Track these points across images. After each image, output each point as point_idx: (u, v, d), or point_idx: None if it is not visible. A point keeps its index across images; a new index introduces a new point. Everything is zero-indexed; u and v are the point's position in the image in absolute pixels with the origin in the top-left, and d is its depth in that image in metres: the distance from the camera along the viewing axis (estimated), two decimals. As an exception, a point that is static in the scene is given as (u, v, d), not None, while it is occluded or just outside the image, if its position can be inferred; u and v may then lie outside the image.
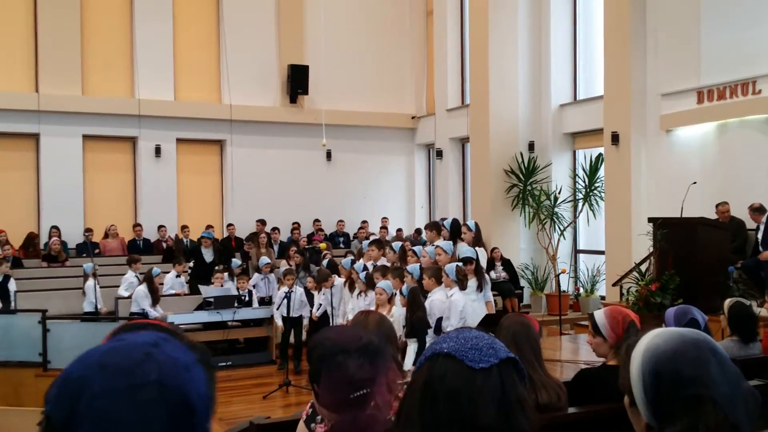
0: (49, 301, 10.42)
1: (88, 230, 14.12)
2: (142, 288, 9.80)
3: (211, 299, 10.07)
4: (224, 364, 9.66)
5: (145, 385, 0.95)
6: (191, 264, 12.22)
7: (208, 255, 12.38)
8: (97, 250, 13.83)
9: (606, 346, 3.44)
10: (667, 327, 3.43)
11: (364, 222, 16.17)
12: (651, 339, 1.50)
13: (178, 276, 11.08)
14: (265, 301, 10.79)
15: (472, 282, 7.40)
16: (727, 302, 4.64)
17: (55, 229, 13.97)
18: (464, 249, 7.72)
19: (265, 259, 11.67)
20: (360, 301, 8.36)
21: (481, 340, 1.30)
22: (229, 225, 15.13)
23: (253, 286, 10.92)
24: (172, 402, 0.96)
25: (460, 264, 7.40)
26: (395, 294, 7.39)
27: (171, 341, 1.05)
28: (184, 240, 14.58)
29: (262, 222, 14.97)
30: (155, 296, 9.83)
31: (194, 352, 1.07)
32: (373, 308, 7.48)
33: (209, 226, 14.79)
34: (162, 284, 10.68)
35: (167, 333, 1.15)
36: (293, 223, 15.59)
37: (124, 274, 12.14)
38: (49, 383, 1.00)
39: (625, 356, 1.54)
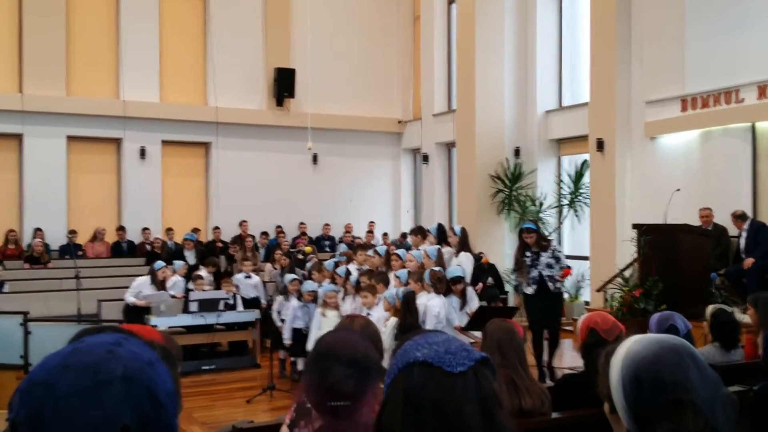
0: (31, 303, 10.32)
1: (72, 232, 14.02)
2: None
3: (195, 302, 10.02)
4: (208, 367, 9.61)
5: (111, 381, 0.94)
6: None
7: (190, 257, 12.33)
8: (80, 252, 13.72)
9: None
10: (649, 333, 3.46)
11: (348, 225, 16.16)
12: (630, 345, 1.50)
13: (247, 277, 11.04)
14: (303, 333, 8.58)
15: (457, 301, 7.37)
16: (710, 309, 4.68)
17: (38, 231, 13.86)
18: (454, 269, 7.54)
19: (310, 285, 8.91)
20: (347, 304, 8.32)
21: (452, 344, 1.28)
22: (215, 228, 15.07)
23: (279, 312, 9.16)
24: (140, 398, 0.95)
25: (437, 268, 7.41)
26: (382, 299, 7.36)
27: (131, 340, 1.04)
28: (168, 242, 14.51)
29: (244, 222, 14.98)
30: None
31: (155, 350, 1.06)
32: (360, 312, 7.47)
33: (195, 229, 14.74)
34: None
35: (126, 333, 1.15)
36: (277, 227, 15.55)
37: (108, 277, 12.18)
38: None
39: (603, 363, 1.54)
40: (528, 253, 7.95)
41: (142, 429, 0.94)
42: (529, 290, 8.01)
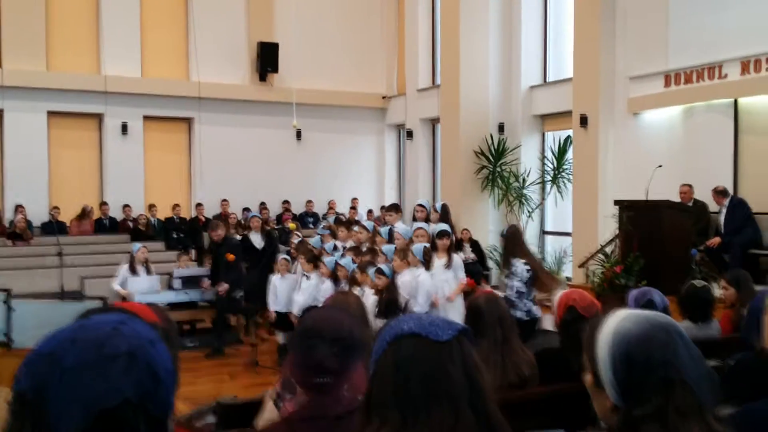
0: (14, 280, 10.28)
1: (55, 208, 13.91)
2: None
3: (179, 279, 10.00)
4: (192, 344, 9.62)
5: (115, 356, 1.00)
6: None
7: (257, 240, 10.43)
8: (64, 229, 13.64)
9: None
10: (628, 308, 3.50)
11: (332, 201, 16.15)
12: (619, 322, 1.52)
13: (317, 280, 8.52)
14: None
15: (441, 260, 7.35)
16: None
17: (20, 207, 13.74)
18: (442, 225, 7.46)
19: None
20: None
21: (434, 317, 1.42)
22: (198, 204, 15.01)
23: None
24: (141, 373, 1.01)
25: (428, 245, 7.39)
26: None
27: (135, 320, 1.10)
28: (151, 219, 14.46)
29: (225, 201, 14.92)
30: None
31: (157, 331, 1.12)
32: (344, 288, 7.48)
33: (176, 205, 14.70)
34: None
35: (130, 314, 1.20)
36: (260, 203, 15.51)
37: (91, 254, 12.11)
38: (12, 362, 1.02)
39: (589, 337, 1.55)
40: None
41: (141, 403, 1.00)
42: None
